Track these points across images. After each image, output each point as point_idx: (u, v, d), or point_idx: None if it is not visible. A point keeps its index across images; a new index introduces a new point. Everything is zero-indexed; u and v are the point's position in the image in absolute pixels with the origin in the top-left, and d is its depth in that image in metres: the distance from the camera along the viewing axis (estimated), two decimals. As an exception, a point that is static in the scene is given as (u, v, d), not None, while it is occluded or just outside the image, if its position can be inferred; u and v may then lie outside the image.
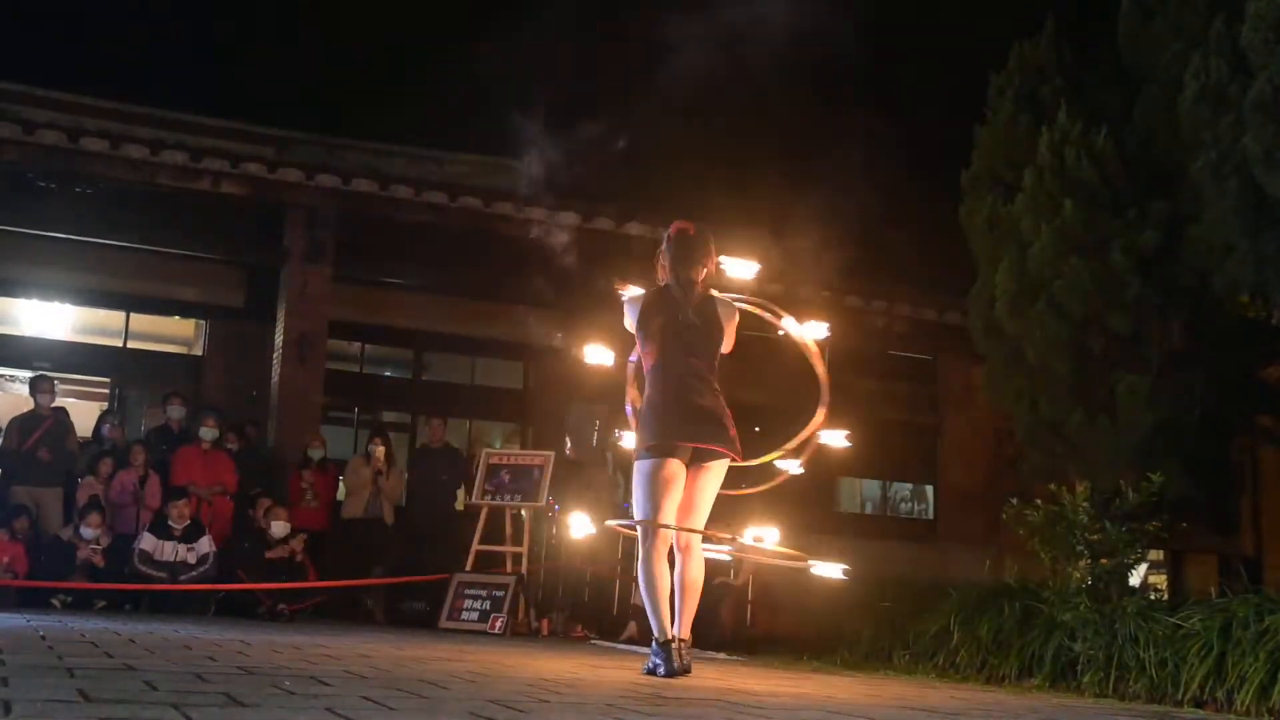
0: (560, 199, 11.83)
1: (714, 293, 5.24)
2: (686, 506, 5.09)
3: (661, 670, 4.81)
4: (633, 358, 5.42)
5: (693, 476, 5.09)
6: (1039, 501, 6.31)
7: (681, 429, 5.03)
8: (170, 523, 9.57)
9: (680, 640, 4.92)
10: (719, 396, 5.12)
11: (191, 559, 9.52)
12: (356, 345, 13.77)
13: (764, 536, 5.61)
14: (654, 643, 4.93)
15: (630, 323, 5.27)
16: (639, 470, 5.09)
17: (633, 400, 5.43)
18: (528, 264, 11.56)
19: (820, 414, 5.32)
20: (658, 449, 5.03)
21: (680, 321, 5.13)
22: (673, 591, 5.05)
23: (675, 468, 5.03)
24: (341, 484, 11.12)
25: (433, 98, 14.88)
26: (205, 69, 18.70)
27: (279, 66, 17.44)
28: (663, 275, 5.28)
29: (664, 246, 5.29)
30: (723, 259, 5.33)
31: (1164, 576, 14.35)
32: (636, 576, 5.08)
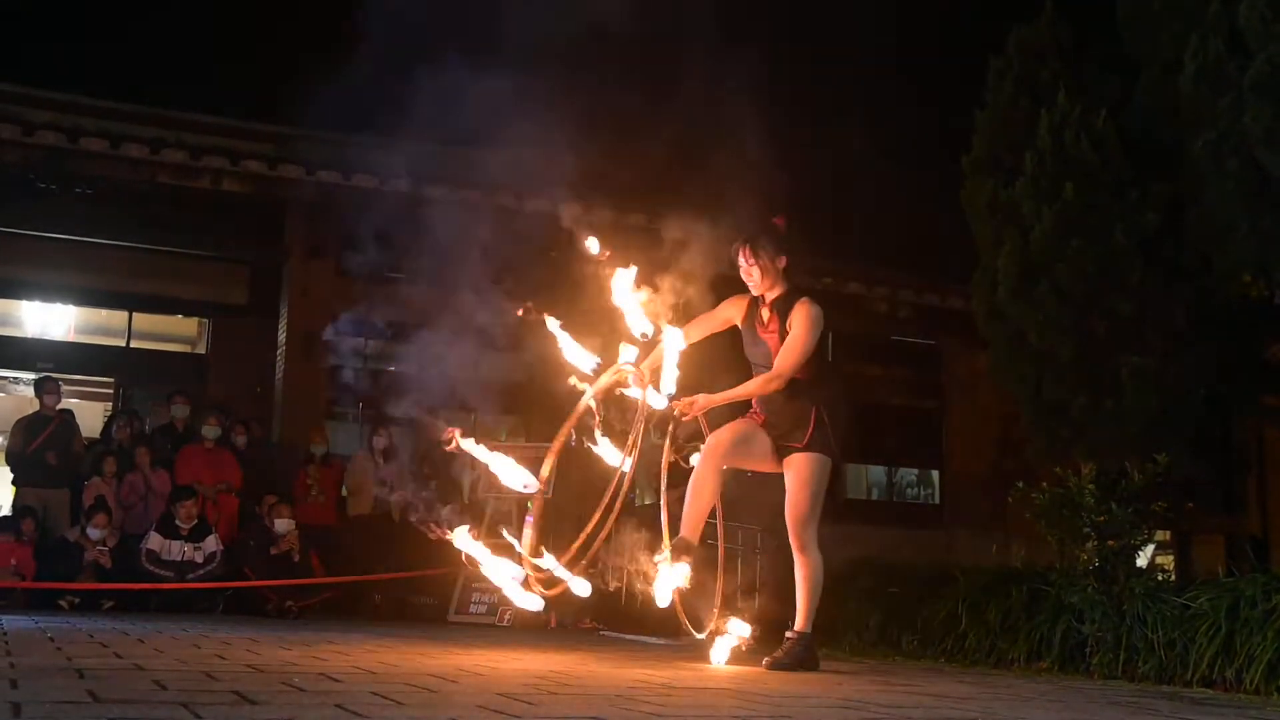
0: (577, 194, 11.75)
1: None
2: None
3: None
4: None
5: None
6: (1045, 484, 6.30)
7: None
8: (177, 522, 9.58)
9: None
10: None
11: (199, 558, 9.54)
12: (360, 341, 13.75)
13: None
14: (802, 634, 5.09)
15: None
16: (828, 471, 5.21)
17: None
18: (535, 258, 11.50)
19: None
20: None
21: None
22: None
23: None
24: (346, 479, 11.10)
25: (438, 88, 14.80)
26: (204, 67, 18.66)
27: (277, 63, 17.40)
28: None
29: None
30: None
31: (1171, 557, 14.35)
32: (811, 568, 5.13)
